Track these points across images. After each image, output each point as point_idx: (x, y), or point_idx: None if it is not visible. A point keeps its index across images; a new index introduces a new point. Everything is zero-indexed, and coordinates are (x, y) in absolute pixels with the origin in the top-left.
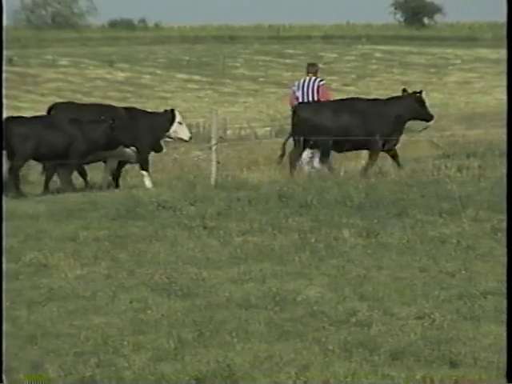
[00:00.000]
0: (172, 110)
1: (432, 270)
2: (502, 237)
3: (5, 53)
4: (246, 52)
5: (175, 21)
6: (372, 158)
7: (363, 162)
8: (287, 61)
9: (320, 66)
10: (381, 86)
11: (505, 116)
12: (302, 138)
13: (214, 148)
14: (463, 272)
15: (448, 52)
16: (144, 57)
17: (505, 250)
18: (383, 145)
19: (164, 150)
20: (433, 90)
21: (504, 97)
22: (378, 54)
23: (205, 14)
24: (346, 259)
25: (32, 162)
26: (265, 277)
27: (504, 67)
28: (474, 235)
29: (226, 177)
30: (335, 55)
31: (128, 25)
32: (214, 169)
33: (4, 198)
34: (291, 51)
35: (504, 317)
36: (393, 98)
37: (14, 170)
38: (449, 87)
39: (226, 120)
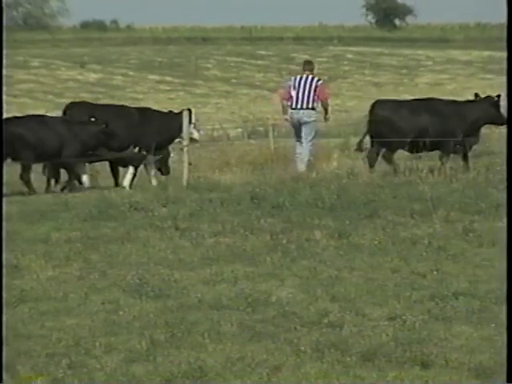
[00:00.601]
0: (189, 111)
1: (403, 271)
2: (473, 237)
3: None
4: (219, 53)
5: (147, 22)
6: (442, 160)
7: (334, 164)
8: (259, 62)
9: (292, 67)
10: (352, 88)
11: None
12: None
13: (185, 149)
14: (435, 273)
15: (419, 53)
16: (116, 58)
17: (476, 250)
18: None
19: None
20: (404, 91)
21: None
22: (349, 56)
23: (177, 15)
24: (318, 260)
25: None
26: (237, 278)
27: (475, 69)
28: (445, 236)
29: (197, 178)
30: (307, 56)
31: (100, 26)
32: (185, 170)
33: None
34: (263, 52)
35: (475, 317)
36: (470, 101)
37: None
38: (420, 89)
39: (198, 121)
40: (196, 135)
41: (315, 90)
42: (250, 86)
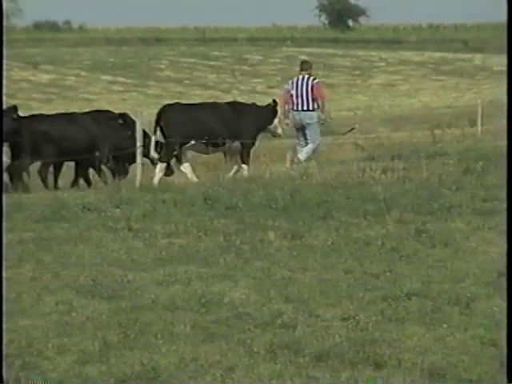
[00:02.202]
0: (275, 102)
1: (357, 272)
2: (426, 238)
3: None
4: (172, 54)
5: (100, 22)
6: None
7: (288, 164)
8: (212, 63)
9: (246, 68)
10: None
11: (432, 118)
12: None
13: (138, 150)
14: (387, 273)
15: (372, 54)
16: (69, 58)
17: (429, 251)
18: None
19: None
20: (357, 92)
21: (425, 99)
22: (302, 56)
23: (130, 16)
24: (271, 261)
25: None
26: (190, 279)
27: (427, 70)
28: (398, 237)
29: (151, 179)
30: (260, 57)
31: (53, 26)
32: (139, 171)
33: None
34: (217, 53)
35: (428, 318)
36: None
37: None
38: (373, 89)
39: (151, 122)
40: (280, 130)
41: (312, 90)
42: (203, 87)
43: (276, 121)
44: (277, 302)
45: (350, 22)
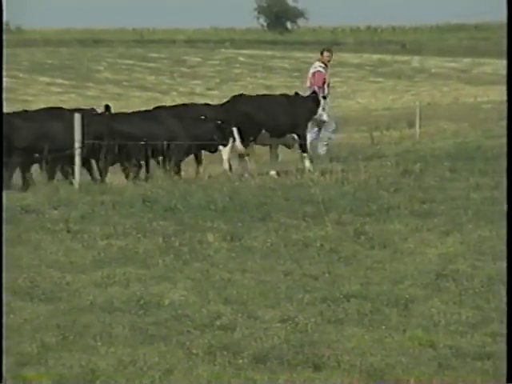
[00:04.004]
0: (314, 92)
1: (296, 274)
2: (365, 240)
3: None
4: (110, 56)
5: (38, 24)
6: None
7: (226, 166)
8: (151, 64)
9: (184, 69)
10: (244, 90)
11: (370, 120)
12: None
13: (77, 152)
14: (326, 275)
15: (311, 56)
16: (6, 60)
17: (368, 252)
18: None
19: None
20: None
21: (363, 101)
22: (241, 58)
23: (68, 18)
24: (211, 263)
25: None
26: (129, 280)
27: (365, 72)
28: (337, 239)
29: (89, 180)
30: (199, 59)
31: None
32: (77, 173)
33: None
34: (155, 55)
35: (367, 319)
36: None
37: None
38: None
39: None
40: (325, 117)
41: (313, 77)
42: (141, 89)
43: (320, 109)
44: (216, 304)
45: (289, 24)
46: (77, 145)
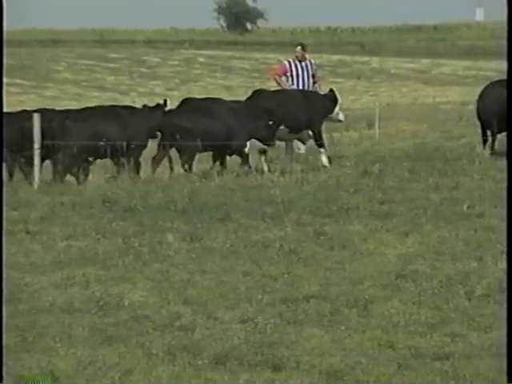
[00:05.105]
0: (332, 91)
1: (255, 274)
2: (324, 240)
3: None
4: (70, 56)
5: None
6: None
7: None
8: (110, 65)
9: (144, 70)
10: (204, 91)
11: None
12: None
13: (36, 153)
14: (286, 276)
15: (270, 57)
16: None
17: (327, 253)
18: None
19: None
20: None
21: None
22: (201, 59)
23: (28, 18)
24: (170, 263)
25: None
26: (88, 281)
27: (325, 72)
28: (296, 239)
29: (49, 181)
30: (158, 60)
31: None
32: (36, 173)
33: None
34: (114, 55)
35: (326, 320)
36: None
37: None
38: None
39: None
40: (342, 116)
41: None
42: (101, 89)
43: (337, 108)
44: (175, 305)
45: (248, 25)
46: (36, 145)
